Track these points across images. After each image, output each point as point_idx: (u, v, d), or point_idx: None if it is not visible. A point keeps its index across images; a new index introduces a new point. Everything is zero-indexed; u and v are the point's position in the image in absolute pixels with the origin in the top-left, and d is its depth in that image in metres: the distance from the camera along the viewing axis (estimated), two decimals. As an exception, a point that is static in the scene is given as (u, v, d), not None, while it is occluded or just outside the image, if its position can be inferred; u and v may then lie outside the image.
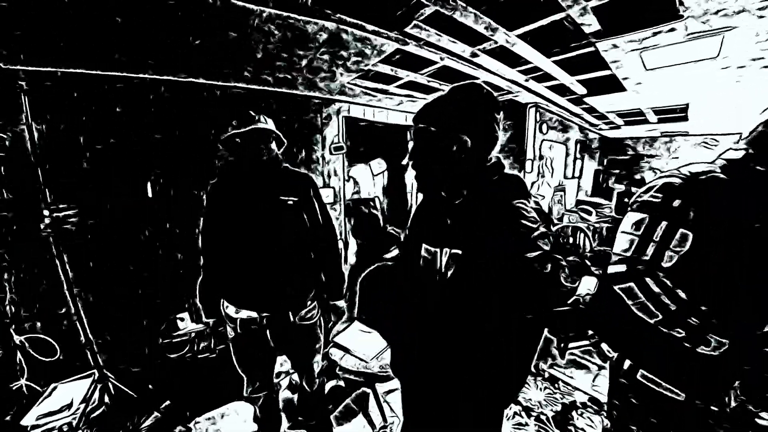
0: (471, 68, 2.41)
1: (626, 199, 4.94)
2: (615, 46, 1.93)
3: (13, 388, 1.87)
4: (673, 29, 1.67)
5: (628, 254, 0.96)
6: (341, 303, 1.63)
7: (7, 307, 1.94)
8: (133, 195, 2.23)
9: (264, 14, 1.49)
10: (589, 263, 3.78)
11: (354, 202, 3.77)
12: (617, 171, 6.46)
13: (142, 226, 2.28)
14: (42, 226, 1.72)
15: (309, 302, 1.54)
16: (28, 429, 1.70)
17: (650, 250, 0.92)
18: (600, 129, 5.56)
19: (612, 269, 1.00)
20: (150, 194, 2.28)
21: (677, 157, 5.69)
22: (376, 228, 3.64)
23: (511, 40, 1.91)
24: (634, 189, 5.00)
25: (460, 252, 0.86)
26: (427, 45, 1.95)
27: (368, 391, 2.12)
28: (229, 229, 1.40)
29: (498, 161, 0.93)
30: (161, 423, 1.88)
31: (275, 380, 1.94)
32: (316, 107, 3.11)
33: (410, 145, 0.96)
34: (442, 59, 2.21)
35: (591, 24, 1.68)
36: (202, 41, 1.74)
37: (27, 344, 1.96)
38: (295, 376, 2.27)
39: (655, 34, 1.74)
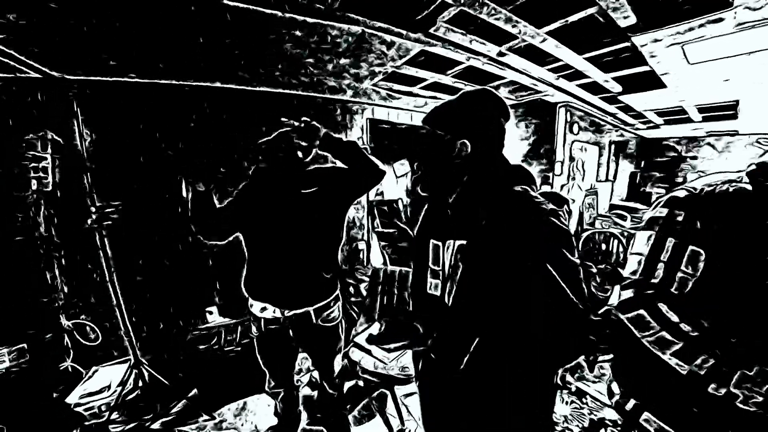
0: (498, 68, 2.36)
1: (665, 204, 4.62)
2: (655, 39, 1.82)
3: (61, 368, 2.04)
4: (720, 19, 1.55)
5: (636, 277, 0.85)
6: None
7: (58, 294, 2.12)
8: (170, 194, 2.37)
9: (294, 21, 1.54)
10: (622, 271, 3.56)
11: (378, 203, 3.80)
12: (655, 174, 6.05)
13: (176, 224, 2.42)
14: (89, 221, 1.87)
15: (332, 303, 1.56)
16: (72, 406, 1.85)
17: (660, 272, 0.80)
18: (637, 129, 5.24)
19: (622, 295, 0.88)
20: (184, 193, 2.42)
21: (725, 158, 5.24)
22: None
23: (540, 38, 1.85)
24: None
25: (465, 242, 0.84)
26: (452, 45, 1.93)
27: (386, 392, 2.11)
28: (259, 226, 1.45)
29: (504, 160, 0.90)
30: (188, 410, 1.97)
31: (296, 377, 1.98)
32: (341, 110, 3.16)
33: (415, 146, 0.93)
34: (467, 59, 2.18)
35: (628, 17, 1.60)
36: (232, 49, 1.82)
37: (73, 329, 2.13)
38: (316, 374, 2.31)
39: (700, 25, 1.62)
